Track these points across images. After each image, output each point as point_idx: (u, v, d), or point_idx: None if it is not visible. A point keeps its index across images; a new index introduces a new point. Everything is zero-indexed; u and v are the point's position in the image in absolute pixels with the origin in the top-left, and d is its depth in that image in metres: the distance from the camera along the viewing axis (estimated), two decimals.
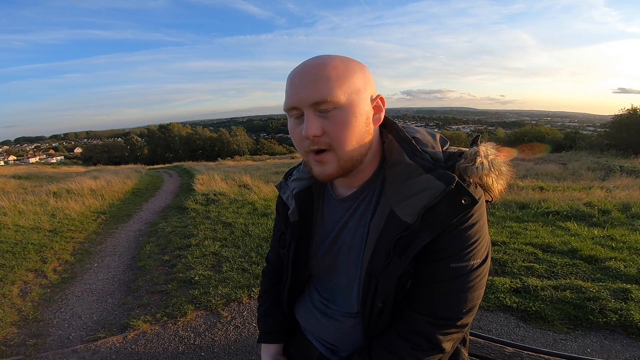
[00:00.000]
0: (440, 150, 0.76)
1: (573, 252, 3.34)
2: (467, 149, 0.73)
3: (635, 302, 2.37)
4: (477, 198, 0.67)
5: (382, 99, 0.75)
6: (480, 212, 0.70)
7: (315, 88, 0.66)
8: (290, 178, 0.93)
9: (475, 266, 0.70)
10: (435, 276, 0.71)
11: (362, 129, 0.70)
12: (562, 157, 16.98)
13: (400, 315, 0.76)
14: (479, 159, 0.70)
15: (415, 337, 0.73)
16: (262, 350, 1.01)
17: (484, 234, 0.71)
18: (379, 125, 0.78)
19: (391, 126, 0.79)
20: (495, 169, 0.71)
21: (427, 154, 0.73)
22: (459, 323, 0.72)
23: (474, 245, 0.69)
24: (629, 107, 19.78)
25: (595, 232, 3.93)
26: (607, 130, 20.97)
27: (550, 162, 14.06)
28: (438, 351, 0.73)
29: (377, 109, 0.74)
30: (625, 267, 2.91)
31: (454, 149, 0.78)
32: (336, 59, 0.69)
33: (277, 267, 1.05)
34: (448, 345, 0.74)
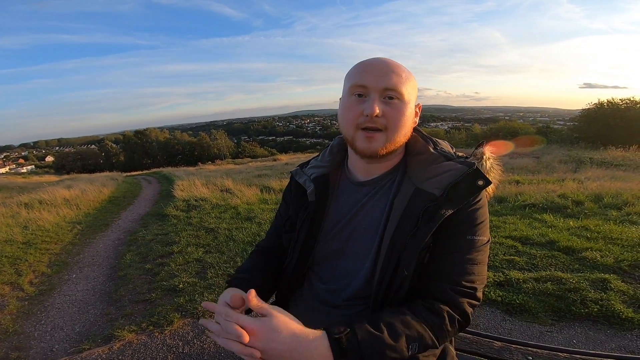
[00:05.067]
0: (452, 151, 0.91)
1: (551, 244, 3.44)
2: (475, 150, 0.91)
3: (614, 292, 2.46)
4: (490, 181, 0.80)
5: (419, 107, 0.90)
6: (485, 200, 0.84)
7: (390, 78, 0.79)
8: (306, 167, 1.02)
9: (484, 242, 0.81)
10: (454, 246, 0.80)
11: (409, 123, 0.85)
12: (535, 151, 17.49)
13: (422, 289, 0.81)
14: (485, 157, 0.89)
15: (441, 305, 0.77)
16: (223, 292, 0.84)
17: (487, 218, 0.84)
18: None
19: (414, 128, 0.92)
20: (494, 169, 0.89)
21: (444, 150, 0.89)
22: (477, 294, 0.80)
23: (483, 223, 0.82)
24: (596, 101, 20.58)
25: (571, 223, 4.07)
26: (576, 124, 21.71)
27: (524, 156, 14.48)
28: (466, 320, 0.79)
29: (416, 114, 0.88)
30: (601, 257, 3.02)
31: (459, 152, 0.91)
32: (403, 66, 0.84)
33: (272, 245, 1.06)
34: (469, 317, 0.79)
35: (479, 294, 0.80)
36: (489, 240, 0.83)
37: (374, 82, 0.79)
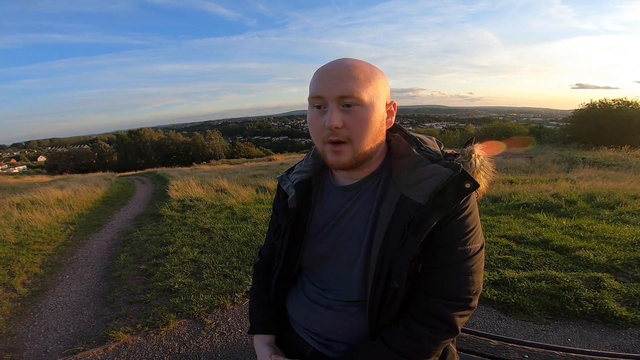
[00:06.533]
0: (439, 149, 0.86)
1: (545, 243, 3.47)
2: (463, 149, 0.84)
3: (608, 290, 2.48)
4: (478, 183, 0.76)
5: (394, 105, 0.84)
6: (474, 203, 0.81)
7: (345, 84, 0.74)
8: (291, 172, 0.99)
9: (476, 250, 0.79)
10: (446, 259, 0.77)
11: (377, 128, 0.79)
12: (529, 151, 17.62)
13: (414, 302, 0.80)
14: (473, 156, 0.83)
15: (434, 320, 0.77)
16: (255, 341, 0.99)
17: (479, 222, 0.81)
18: None
19: (396, 127, 0.89)
20: (485, 167, 0.83)
21: (429, 150, 0.84)
22: (471, 304, 0.79)
23: (474, 231, 0.78)
24: (588, 101, 20.78)
25: (564, 222, 4.10)
26: (569, 124, 21.89)
27: (517, 156, 14.57)
28: (455, 333, 0.79)
29: (389, 113, 0.84)
30: (594, 256, 3.05)
31: (448, 150, 0.87)
32: (364, 63, 0.78)
33: (269, 260, 1.07)
34: (460, 328, 0.80)
35: (474, 303, 0.79)
36: (482, 246, 0.80)
37: (329, 91, 0.75)
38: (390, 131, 0.87)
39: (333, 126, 0.74)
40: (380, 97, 0.78)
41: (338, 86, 0.74)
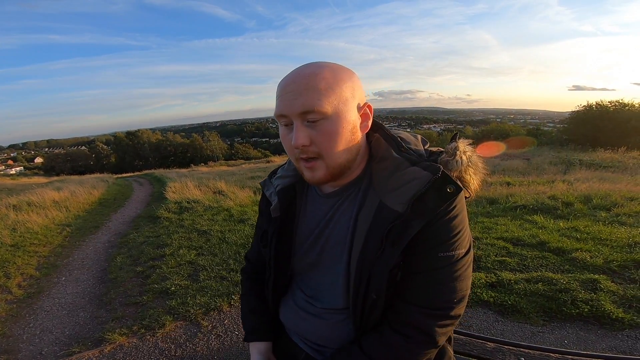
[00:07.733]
0: (423, 148, 0.82)
1: (542, 245, 3.47)
2: (447, 146, 0.79)
3: (604, 292, 2.48)
4: (461, 187, 0.72)
5: (369, 107, 0.77)
6: (462, 205, 0.75)
7: (304, 98, 0.68)
8: (274, 176, 0.95)
9: (460, 256, 0.73)
10: (425, 266, 0.73)
11: (349, 138, 0.73)
12: (526, 152, 17.68)
13: (392, 309, 0.77)
14: (458, 153, 0.76)
15: (409, 329, 0.74)
16: (251, 349, 0.97)
17: (465, 226, 0.75)
18: None
19: (377, 126, 0.83)
20: (473, 164, 0.77)
21: (411, 151, 0.79)
22: (452, 313, 0.74)
23: (459, 236, 0.73)
24: (585, 103, 20.88)
25: (561, 224, 4.10)
26: (566, 126, 21.98)
27: (515, 158, 14.59)
28: (432, 345, 0.74)
29: (364, 116, 0.77)
30: (591, 257, 3.05)
31: (434, 148, 0.84)
32: (326, 69, 0.71)
33: (257, 265, 1.05)
34: (442, 340, 0.75)
35: (456, 312, 0.74)
36: (468, 251, 0.75)
37: (289, 109, 0.70)
38: (372, 131, 0.82)
39: (299, 145, 0.70)
40: (349, 103, 0.72)
41: (298, 101, 0.68)
